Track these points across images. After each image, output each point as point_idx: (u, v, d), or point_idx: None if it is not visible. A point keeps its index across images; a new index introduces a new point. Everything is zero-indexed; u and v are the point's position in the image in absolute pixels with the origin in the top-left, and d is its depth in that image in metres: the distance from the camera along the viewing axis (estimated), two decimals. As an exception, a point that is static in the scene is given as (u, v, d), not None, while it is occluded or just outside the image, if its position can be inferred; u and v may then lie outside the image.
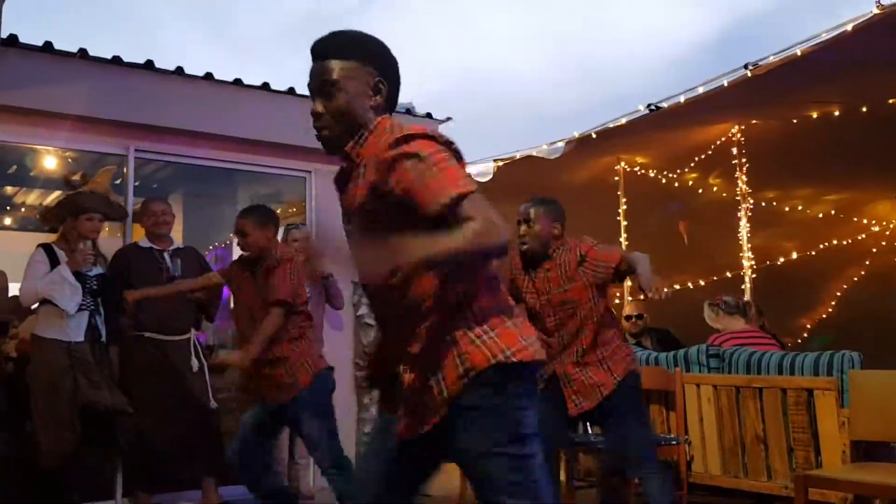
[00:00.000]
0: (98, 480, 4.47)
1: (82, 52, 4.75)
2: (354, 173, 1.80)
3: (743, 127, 5.96)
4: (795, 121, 5.62)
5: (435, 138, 1.69)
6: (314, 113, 1.81)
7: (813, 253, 7.76)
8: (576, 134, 5.80)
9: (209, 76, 5.20)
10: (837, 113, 5.44)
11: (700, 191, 6.98)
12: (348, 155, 1.81)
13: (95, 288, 4.21)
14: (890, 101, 5.19)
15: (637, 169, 6.65)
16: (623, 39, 76.70)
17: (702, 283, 7.37)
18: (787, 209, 7.31)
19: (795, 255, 7.73)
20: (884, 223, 7.81)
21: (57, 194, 5.87)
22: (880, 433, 3.36)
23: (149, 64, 4.96)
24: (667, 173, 6.72)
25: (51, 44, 4.64)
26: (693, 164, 6.46)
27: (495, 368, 1.69)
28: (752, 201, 6.21)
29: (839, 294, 8.19)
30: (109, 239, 5.37)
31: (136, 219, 4.85)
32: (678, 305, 6.65)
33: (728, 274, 6.83)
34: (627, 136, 5.84)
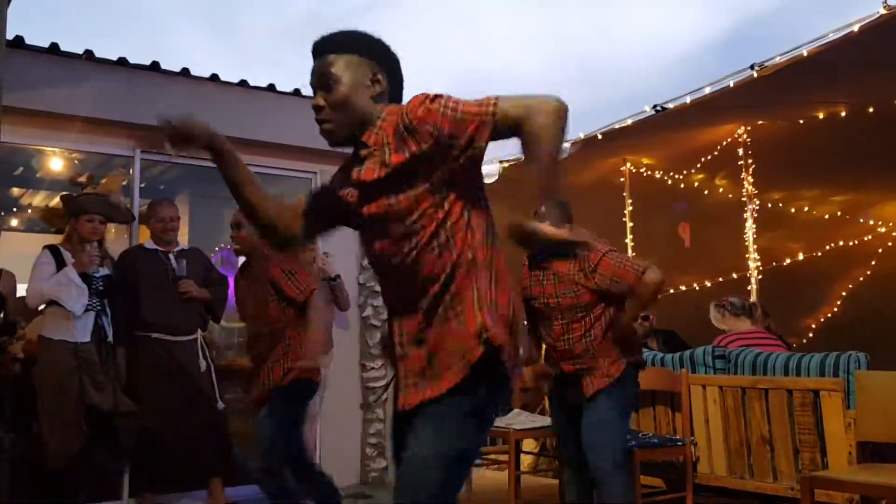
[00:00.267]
0: (105, 481, 4.47)
1: (88, 54, 4.76)
2: (371, 158, 1.81)
3: (749, 128, 5.94)
4: (802, 121, 5.61)
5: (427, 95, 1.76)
6: (315, 106, 1.85)
7: (819, 254, 7.73)
8: (581, 135, 5.80)
9: (215, 77, 5.20)
10: (844, 114, 5.42)
11: (706, 192, 6.97)
12: (366, 144, 1.83)
13: (102, 289, 4.22)
14: (896, 102, 5.17)
15: (643, 170, 6.64)
16: (627, 39, 76.63)
17: (708, 285, 7.35)
18: (794, 210, 7.29)
19: (801, 257, 7.70)
20: (890, 224, 7.78)
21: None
22: (887, 434, 3.35)
23: (155, 65, 4.96)
24: (673, 174, 6.71)
25: (57, 45, 4.65)
26: (699, 165, 6.45)
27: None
28: (758, 202, 6.20)
29: (845, 295, 8.15)
30: (116, 241, 5.39)
31: (143, 220, 4.86)
32: (684, 307, 6.69)
33: (734, 275, 6.80)
34: (633, 137, 5.83)
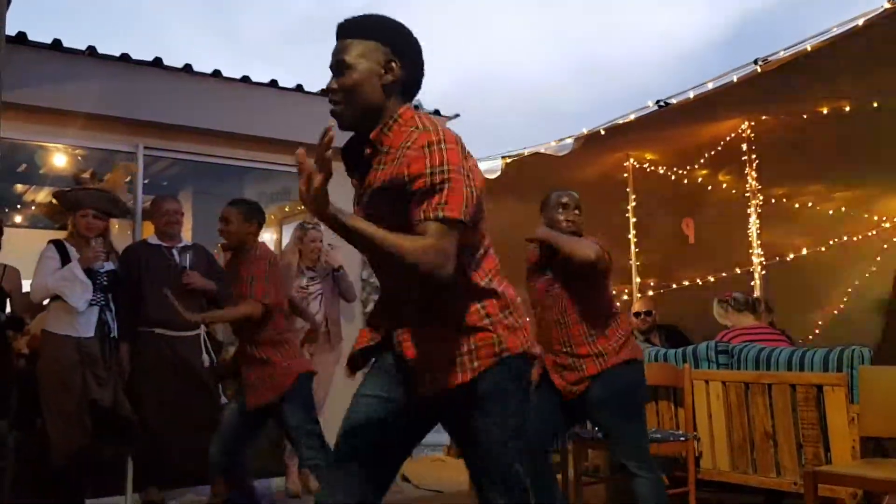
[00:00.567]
0: (108, 475, 4.49)
1: (91, 50, 4.76)
2: (376, 159, 1.84)
3: (753, 123, 5.91)
4: (806, 116, 5.57)
5: (459, 146, 1.75)
6: (328, 89, 1.87)
7: (823, 249, 7.71)
8: (584, 130, 5.77)
9: (217, 74, 5.21)
10: (848, 108, 5.39)
11: (710, 187, 6.94)
12: (371, 141, 1.85)
13: (106, 284, 4.23)
14: (901, 96, 5.14)
15: (646, 165, 6.61)
16: (631, 36, 76.49)
17: (711, 280, 7.32)
18: (797, 205, 7.26)
19: (805, 252, 7.67)
20: (895, 219, 7.76)
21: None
22: (890, 429, 3.34)
23: (157, 62, 4.97)
24: (676, 170, 6.69)
25: (59, 42, 4.66)
26: (703, 161, 6.42)
27: (523, 356, 1.82)
28: (762, 197, 6.17)
29: (850, 290, 8.13)
30: (120, 236, 5.40)
31: (147, 217, 4.86)
32: (687, 302, 6.68)
33: (737, 270, 6.78)
34: (636, 133, 5.80)
